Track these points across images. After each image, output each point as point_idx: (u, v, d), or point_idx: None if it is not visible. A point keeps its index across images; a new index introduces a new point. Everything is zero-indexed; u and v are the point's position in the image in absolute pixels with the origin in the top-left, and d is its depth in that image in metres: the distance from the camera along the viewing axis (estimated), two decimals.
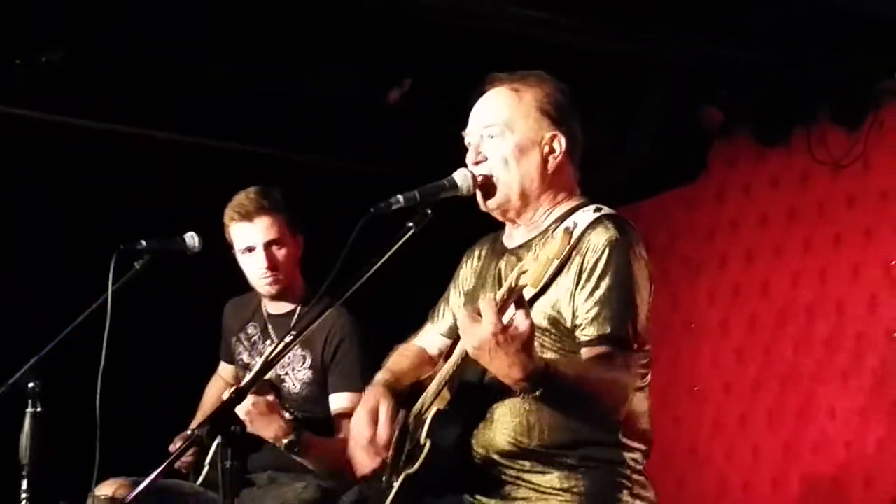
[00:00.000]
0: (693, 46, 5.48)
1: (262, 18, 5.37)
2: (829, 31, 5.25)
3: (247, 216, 4.33)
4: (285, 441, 4.05)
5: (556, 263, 2.87)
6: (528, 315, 2.82)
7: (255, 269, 4.38)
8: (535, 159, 3.23)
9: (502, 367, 2.84)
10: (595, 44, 5.36)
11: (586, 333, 3.06)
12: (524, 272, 2.82)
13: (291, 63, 5.82)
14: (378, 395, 3.30)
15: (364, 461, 3.26)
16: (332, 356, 4.33)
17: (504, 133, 3.23)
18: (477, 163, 3.24)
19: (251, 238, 4.35)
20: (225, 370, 4.75)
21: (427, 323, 3.59)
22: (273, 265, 4.35)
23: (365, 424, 3.24)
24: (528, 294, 2.96)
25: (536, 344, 2.98)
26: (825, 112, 5.78)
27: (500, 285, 3.20)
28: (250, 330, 4.58)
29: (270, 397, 3.89)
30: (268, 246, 4.34)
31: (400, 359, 3.54)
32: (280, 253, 4.36)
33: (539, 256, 2.79)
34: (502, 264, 3.29)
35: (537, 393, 2.88)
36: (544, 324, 3.09)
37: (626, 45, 5.42)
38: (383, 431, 3.22)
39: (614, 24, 5.28)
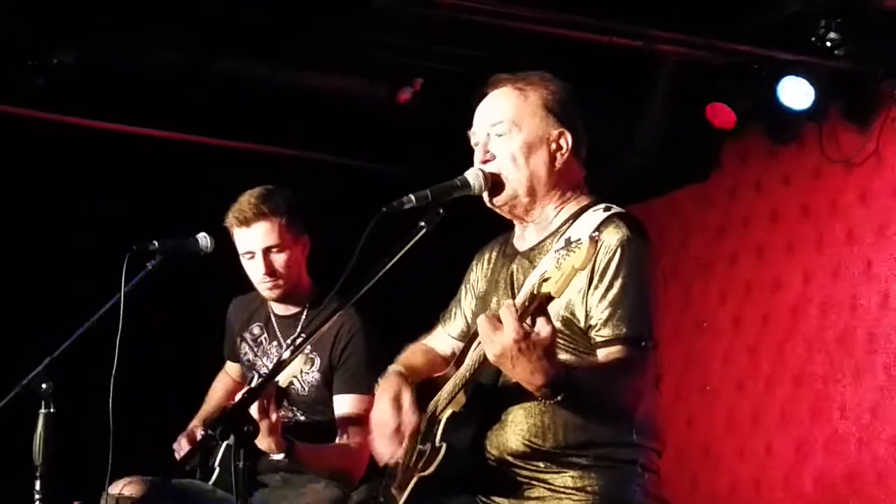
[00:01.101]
0: (704, 43, 5.48)
1: (273, 18, 5.38)
2: (839, 27, 5.24)
3: (245, 222, 4.32)
4: (276, 457, 4.03)
5: (580, 274, 2.84)
6: (549, 322, 2.81)
7: (255, 275, 4.38)
8: (543, 156, 3.23)
9: (524, 373, 2.83)
10: (605, 40, 5.36)
11: (602, 335, 3.05)
12: (546, 280, 2.78)
13: (303, 62, 5.83)
14: (398, 383, 3.30)
15: (387, 450, 3.25)
16: (338, 358, 4.32)
17: (512, 131, 3.23)
18: (485, 161, 3.24)
19: (250, 244, 4.34)
20: (231, 367, 4.76)
21: (438, 325, 3.59)
22: (271, 271, 4.33)
23: (390, 414, 3.23)
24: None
25: None
26: (836, 110, 5.77)
27: (513, 289, 3.21)
28: (255, 330, 4.57)
29: (273, 416, 3.86)
30: (266, 252, 4.32)
31: (412, 355, 3.53)
32: (279, 258, 4.34)
33: (562, 265, 2.76)
34: (514, 267, 3.28)
35: (558, 398, 2.88)
36: (558, 325, 3.06)
37: (636, 41, 5.42)
38: (409, 417, 3.22)
39: (625, 21, 5.28)
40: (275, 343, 4.48)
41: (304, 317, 4.42)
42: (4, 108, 5.72)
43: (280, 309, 4.50)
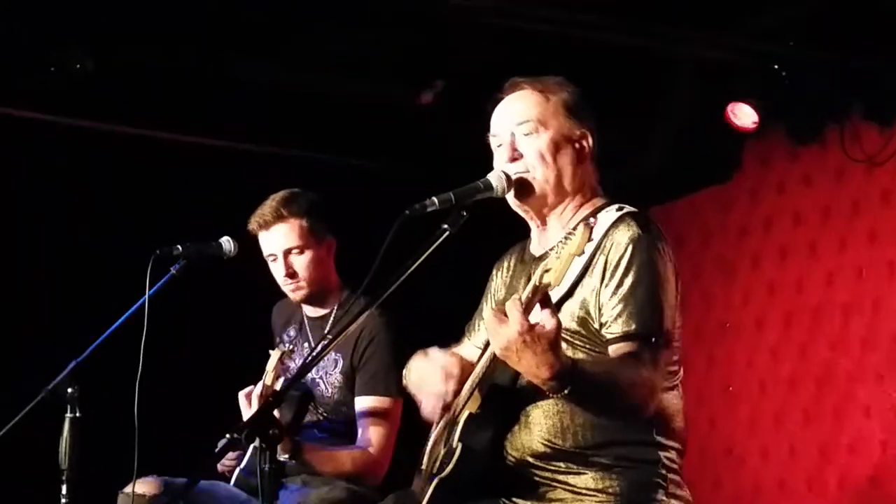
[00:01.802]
0: (723, 43, 5.48)
1: (296, 20, 5.40)
2: (860, 26, 5.24)
3: (265, 225, 4.34)
4: (281, 458, 4.04)
5: (576, 259, 2.86)
6: (553, 314, 2.82)
7: (278, 277, 4.41)
8: (569, 155, 3.26)
9: (530, 366, 2.84)
10: (624, 41, 5.36)
11: (612, 331, 3.06)
12: (547, 270, 2.83)
13: (324, 64, 5.85)
14: (422, 351, 3.33)
15: (441, 392, 3.24)
16: (360, 359, 4.33)
17: (538, 129, 3.25)
18: (513, 160, 3.25)
19: (271, 247, 4.36)
20: None
21: (464, 338, 3.59)
22: (291, 273, 4.35)
23: (426, 363, 3.28)
24: (555, 295, 2.98)
25: (567, 346, 2.99)
26: (858, 109, 5.76)
27: None
28: (291, 332, 4.59)
29: (276, 413, 3.86)
30: (286, 254, 4.34)
31: None
32: (300, 259, 4.35)
33: (561, 254, 2.81)
34: (531, 272, 3.29)
35: (565, 391, 2.87)
36: (573, 326, 3.09)
37: (656, 42, 5.42)
38: (447, 357, 3.26)
39: (644, 21, 5.28)
40: (307, 345, 4.49)
41: (332, 318, 4.44)
42: (22, 113, 5.77)
43: (311, 311, 4.52)
